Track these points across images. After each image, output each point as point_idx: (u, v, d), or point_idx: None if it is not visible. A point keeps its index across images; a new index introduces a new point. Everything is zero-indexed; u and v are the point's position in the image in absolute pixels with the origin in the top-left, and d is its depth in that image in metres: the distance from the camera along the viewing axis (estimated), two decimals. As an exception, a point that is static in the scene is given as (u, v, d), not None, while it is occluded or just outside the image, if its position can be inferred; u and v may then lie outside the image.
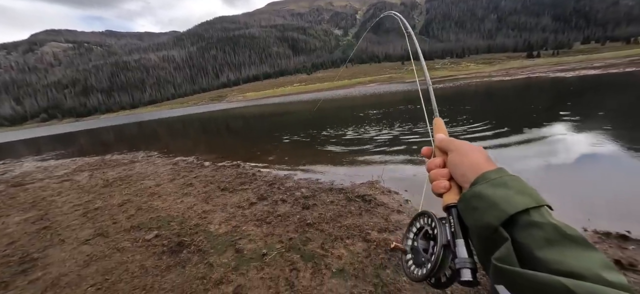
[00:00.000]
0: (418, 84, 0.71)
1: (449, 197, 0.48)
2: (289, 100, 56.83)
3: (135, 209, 4.35)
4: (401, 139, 7.34)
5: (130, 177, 6.56)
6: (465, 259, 0.41)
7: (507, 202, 0.37)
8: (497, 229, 0.36)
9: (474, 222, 0.40)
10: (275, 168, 5.96)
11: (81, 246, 3.32)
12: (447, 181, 0.49)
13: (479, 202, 0.40)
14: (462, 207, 0.44)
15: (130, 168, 7.61)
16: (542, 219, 0.35)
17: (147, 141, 14.97)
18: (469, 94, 20.69)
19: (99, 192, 5.54)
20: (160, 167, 7.23)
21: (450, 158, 0.50)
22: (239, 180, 5.19)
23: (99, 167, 8.23)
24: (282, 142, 9.09)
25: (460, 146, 0.50)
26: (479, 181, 0.43)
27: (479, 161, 0.46)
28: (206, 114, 40.49)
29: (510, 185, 0.40)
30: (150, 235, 3.36)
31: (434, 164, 0.53)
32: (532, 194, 0.38)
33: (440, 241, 0.44)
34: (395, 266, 2.29)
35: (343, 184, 4.43)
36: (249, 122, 19.60)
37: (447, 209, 0.47)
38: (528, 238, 0.34)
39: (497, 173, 0.42)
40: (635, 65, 34.31)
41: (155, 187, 5.45)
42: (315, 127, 11.44)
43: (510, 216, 0.36)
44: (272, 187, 4.60)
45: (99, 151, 12.61)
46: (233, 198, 4.30)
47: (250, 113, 28.77)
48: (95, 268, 2.81)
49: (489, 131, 7.15)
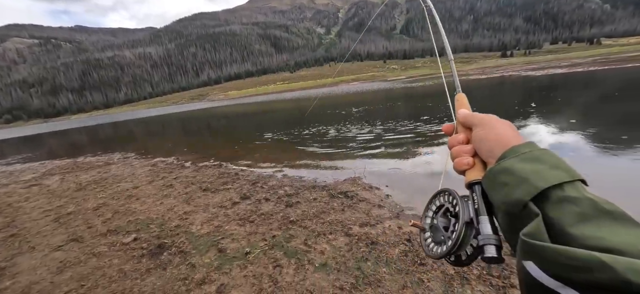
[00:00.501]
0: (438, 59, 0.70)
1: (472, 174, 0.47)
2: (273, 99, 56.30)
3: (111, 212, 4.20)
4: (383, 137, 7.50)
5: (106, 180, 6.30)
6: (490, 235, 0.40)
7: (539, 177, 0.36)
8: (527, 205, 0.35)
9: (501, 198, 0.39)
10: (258, 167, 5.93)
11: (53, 252, 3.17)
12: (471, 157, 0.48)
13: (508, 177, 0.38)
14: (488, 183, 0.42)
15: (105, 171, 7.30)
16: (577, 194, 0.33)
17: (123, 142, 14.36)
18: (447, 92, 21.35)
19: (72, 197, 5.28)
20: (138, 169, 6.99)
21: (475, 133, 0.49)
22: (221, 180, 5.13)
23: (71, 171, 7.83)
24: (265, 141, 9.03)
25: (486, 119, 0.48)
26: (507, 155, 0.41)
27: (507, 134, 0.44)
28: (186, 113, 39.33)
29: (542, 159, 0.38)
30: (128, 238, 3.27)
31: (456, 140, 0.52)
32: (566, 168, 0.37)
33: (463, 218, 0.44)
34: (376, 259, 2.37)
35: (326, 182, 4.49)
36: (231, 121, 19.26)
37: (470, 186, 0.46)
38: (560, 213, 0.33)
39: (527, 147, 0.41)
40: (597, 65, 36.79)
41: (133, 189, 5.28)
42: (299, 126, 11.44)
43: (541, 190, 0.35)
44: (255, 186, 4.58)
45: (71, 153, 11.97)
46: (215, 198, 4.24)
47: (233, 112, 28.27)
48: (70, 274, 2.70)
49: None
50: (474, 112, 0.53)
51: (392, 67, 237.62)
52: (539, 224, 0.32)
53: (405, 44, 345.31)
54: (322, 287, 2.11)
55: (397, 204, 3.48)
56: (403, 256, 2.36)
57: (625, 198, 3.10)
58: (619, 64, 33.13)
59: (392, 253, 2.41)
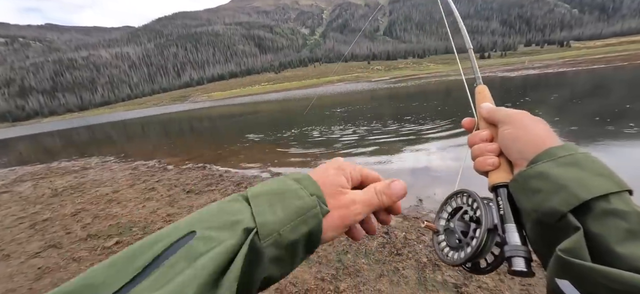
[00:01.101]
0: (454, 48, 0.66)
1: (497, 176, 0.43)
2: (258, 100, 55.83)
3: (91, 217, 4.12)
4: (367, 137, 7.70)
5: (83, 185, 6.11)
6: (518, 246, 0.37)
7: (580, 186, 0.32)
8: (565, 217, 0.31)
9: (533, 206, 0.35)
10: (243, 168, 5.96)
11: (31, 259, 3.10)
12: (496, 158, 0.44)
13: (543, 183, 0.34)
14: (516, 188, 0.38)
15: (82, 175, 7.07)
16: (626, 207, 0.30)
17: (100, 145, 13.86)
18: (431, 92, 22.07)
19: (47, 203, 5.11)
20: (117, 173, 6.82)
21: (503, 131, 0.44)
22: (206, 182, 5.12)
23: (44, 176, 7.52)
24: (250, 142, 9.03)
25: (516, 116, 0.43)
26: (541, 158, 0.37)
27: (542, 134, 0.40)
28: (168, 115, 38.31)
29: (584, 165, 0.34)
30: (110, 242, 3.24)
31: (479, 137, 0.47)
32: (611, 176, 0.33)
33: (485, 224, 0.40)
34: (356, 251, 2.50)
35: (310, 181, 4.60)
36: (215, 122, 18.99)
37: (494, 189, 0.42)
38: (605, 228, 0.29)
39: (565, 150, 0.36)
40: (566, 67, 39.06)
41: (113, 193, 5.17)
42: (284, 127, 11.49)
43: (583, 202, 0.31)
44: (239, 187, 4.62)
45: (44, 158, 11.44)
46: (200, 200, 4.25)
47: (217, 114, 27.84)
48: (50, 280, 2.66)
49: (455, 127, 7.79)
50: (501, 107, 0.48)
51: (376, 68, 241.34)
52: (580, 240, 0.29)
53: (389, 46, 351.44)
54: (304, 279, 2.22)
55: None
56: (381, 248, 2.50)
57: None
58: (586, 66, 35.34)
59: (371, 245, 2.55)
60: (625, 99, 9.20)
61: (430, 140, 6.51)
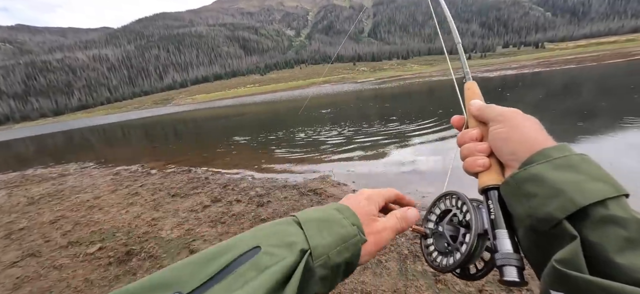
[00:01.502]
0: (443, 42, 0.66)
1: (487, 177, 0.40)
2: (243, 102, 55.20)
3: (71, 224, 4.01)
4: (353, 138, 7.83)
5: (62, 192, 5.90)
6: (510, 254, 0.35)
7: (577, 190, 0.30)
8: (560, 223, 0.30)
9: (527, 211, 0.33)
10: (229, 171, 5.93)
11: (8, 269, 3.00)
12: (487, 158, 0.42)
13: (538, 187, 0.33)
14: (508, 191, 0.37)
15: (60, 182, 6.82)
16: (624, 214, 0.28)
17: (79, 151, 13.35)
18: (415, 92, 22.60)
19: (23, 211, 4.91)
20: (98, 179, 6.62)
21: (494, 130, 0.41)
22: (191, 185, 5.08)
23: (19, 185, 7.19)
24: (236, 145, 8.97)
25: (508, 114, 0.41)
26: (535, 159, 0.35)
27: (535, 134, 0.38)
28: (150, 119, 37.23)
29: (580, 168, 0.32)
30: (92, 249, 3.18)
31: (468, 136, 0.45)
32: (609, 180, 0.31)
33: (475, 229, 0.38)
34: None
35: (296, 181, 4.66)
36: (200, 125, 18.66)
37: (484, 192, 0.40)
38: (603, 237, 0.27)
39: (560, 151, 0.34)
40: (541, 67, 40.95)
41: (94, 200, 5.03)
42: (270, 129, 11.48)
43: (581, 208, 0.29)
44: (226, 189, 4.62)
45: (16, 166, 10.90)
46: (185, 203, 4.23)
47: (201, 116, 27.34)
48: (29, 289, 2.60)
49: (439, 126, 8.05)
50: (491, 104, 0.45)
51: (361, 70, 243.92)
52: (577, 250, 0.27)
53: (373, 47, 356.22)
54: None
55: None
56: (365, 243, 2.60)
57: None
58: (559, 66, 37.18)
59: (356, 241, 2.64)
60: (598, 97, 9.82)
61: (419, 139, 6.71)
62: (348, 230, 0.37)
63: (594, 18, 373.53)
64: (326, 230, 0.36)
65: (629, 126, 5.67)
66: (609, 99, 9.20)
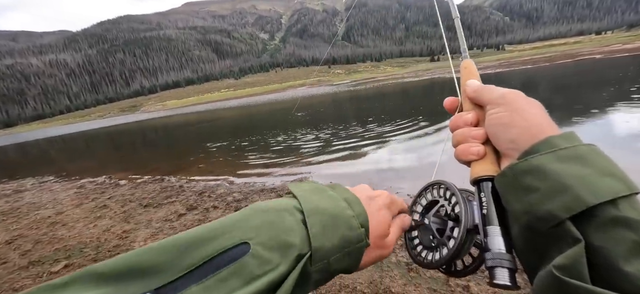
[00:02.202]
0: (439, 17, 0.62)
1: (481, 167, 0.37)
2: (218, 107, 53.73)
3: (32, 243, 3.72)
4: (330, 139, 7.96)
5: (18, 209, 5.44)
6: (502, 254, 0.32)
7: (585, 187, 0.26)
8: (563, 224, 0.26)
9: (524, 208, 0.29)
10: (204, 178, 5.80)
11: (-43, 296, 2.73)
12: (481, 145, 0.37)
13: (539, 180, 0.29)
14: (505, 184, 0.32)
15: (15, 199, 6.27)
16: (636, 215, 0.24)
17: (35, 165, 12.31)
18: (389, 93, 23.31)
19: (-28, 233, 4.47)
20: (60, 194, 6.18)
21: (492, 114, 0.37)
22: (164, 194, 4.91)
23: (-35, 204, 6.51)
24: (211, 151, 8.76)
25: (509, 96, 0.36)
26: (538, 148, 0.31)
27: (539, 120, 0.33)
28: (117, 127, 35.12)
29: (589, 160, 0.28)
30: (57, 267, 2.99)
31: (462, 120, 0.40)
32: (621, 175, 0.27)
33: (464, 223, 0.35)
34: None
35: (274, 184, 4.67)
36: (171, 132, 17.94)
37: (477, 183, 0.37)
38: (611, 241, 0.24)
39: (567, 140, 0.30)
40: (503, 67, 43.99)
41: (57, 215, 4.70)
42: (246, 133, 11.32)
43: (589, 207, 0.25)
44: (202, 196, 4.52)
45: (-39, 183, 9.82)
46: (158, 213, 4.08)
47: (173, 123, 26.26)
48: (-15, 315, 2.40)
49: (415, 124, 8.37)
50: (490, 85, 0.40)
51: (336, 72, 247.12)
52: (580, 256, 0.24)
53: (348, 50, 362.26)
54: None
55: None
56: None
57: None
58: (518, 66, 40.18)
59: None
60: (553, 95, 10.75)
61: (395, 138, 6.96)
62: (356, 233, 0.33)
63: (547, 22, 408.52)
64: (331, 229, 0.31)
65: (582, 119, 6.31)
66: (562, 95, 10.13)
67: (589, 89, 10.85)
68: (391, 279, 2.09)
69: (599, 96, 8.93)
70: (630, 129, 5.08)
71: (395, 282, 2.05)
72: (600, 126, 5.70)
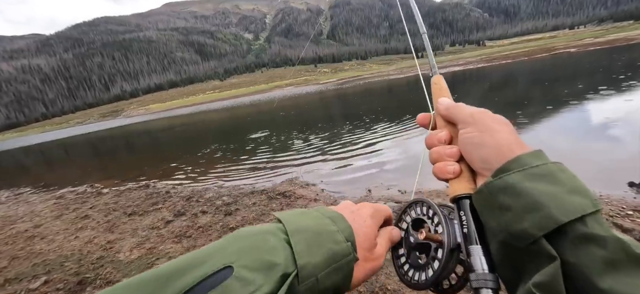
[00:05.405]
0: (407, 31, 0.62)
1: (458, 185, 0.37)
2: (203, 109, 52.66)
3: (8, 259, 3.51)
4: (319, 139, 7.94)
5: (-9, 224, 5.13)
6: (485, 275, 0.32)
7: (556, 205, 0.27)
8: (539, 241, 0.27)
9: (500, 226, 0.30)
10: (192, 182, 5.66)
11: None
12: (457, 164, 0.38)
13: (513, 199, 0.29)
14: (481, 202, 0.33)
15: (-12, 213, 5.92)
16: (603, 231, 0.26)
17: (9, 176, 11.67)
18: (376, 91, 23.50)
19: (-59, 252, 4.18)
20: (37, 205, 5.88)
21: (464, 134, 0.38)
22: (150, 201, 4.75)
23: None
24: (198, 154, 8.56)
25: (478, 116, 0.37)
26: (510, 167, 0.31)
27: (508, 139, 0.34)
28: (98, 133, 33.81)
29: (558, 178, 0.29)
30: (36, 283, 2.83)
31: (436, 138, 0.41)
32: (586, 192, 0.28)
33: (447, 244, 0.35)
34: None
35: (264, 186, 4.60)
36: (155, 137, 17.42)
37: (456, 201, 0.37)
38: (583, 257, 0.25)
39: (537, 158, 0.31)
40: (484, 62, 45.28)
41: (35, 228, 4.47)
42: (233, 135, 11.14)
43: (560, 225, 0.26)
44: (190, 201, 4.40)
45: None
46: (144, 221, 3.94)
47: (156, 127, 25.53)
48: (-44, 340, 2.24)
49: (402, 123, 8.45)
50: (460, 104, 0.42)
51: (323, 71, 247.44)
52: (556, 273, 0.25)
53: (333, 49, 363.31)
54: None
55: (331, 195, 3.84)
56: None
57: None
58: (498, 61, 41.41)
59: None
60: (531, 88, 11.12)
61: (383, 136, 7.01)
62: (342, 247, 0.33)
63: (523, 18, 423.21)
64: (316, 246, 0.31)
65: (560, 110, 6.55)
66: (540, 89, 10.50)
67: (568, 81, 11.31)
68: (386, 276, 2.09)
69: (576, 87, 9.33)
70: (606, 117, 5.33)
71: (391, 279, 2.05)
72: (578, 116, 5.96)
